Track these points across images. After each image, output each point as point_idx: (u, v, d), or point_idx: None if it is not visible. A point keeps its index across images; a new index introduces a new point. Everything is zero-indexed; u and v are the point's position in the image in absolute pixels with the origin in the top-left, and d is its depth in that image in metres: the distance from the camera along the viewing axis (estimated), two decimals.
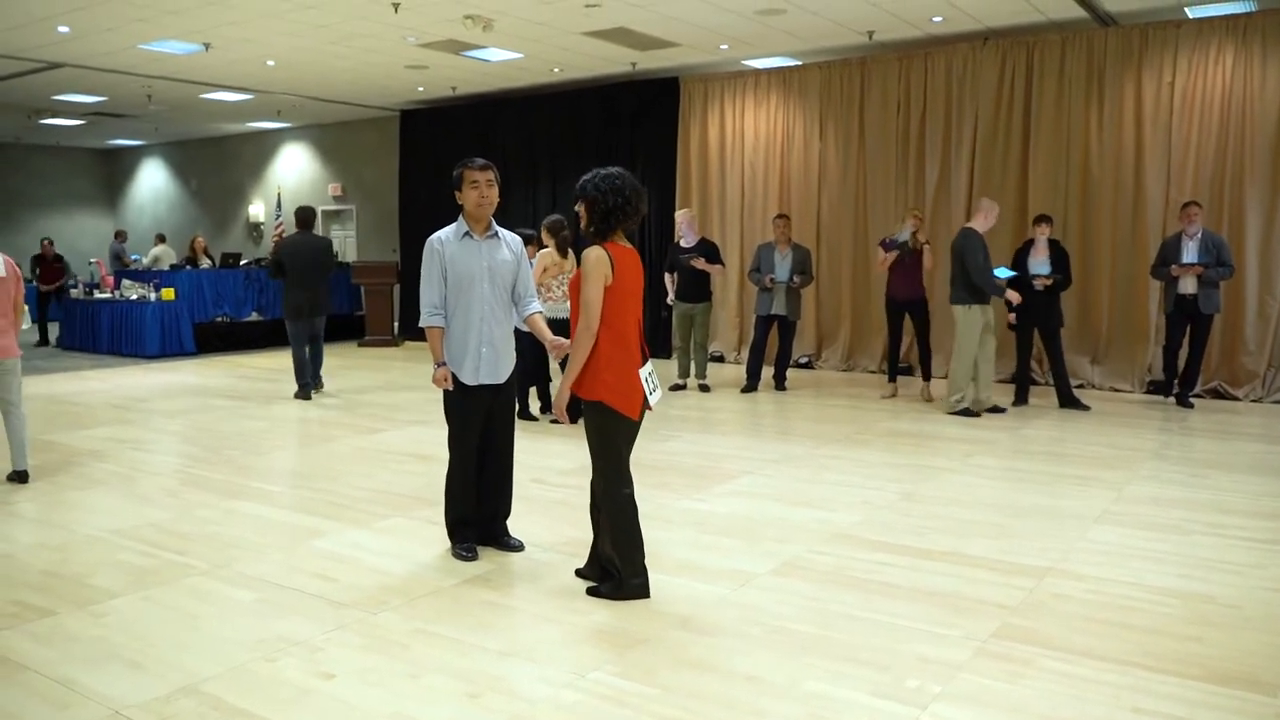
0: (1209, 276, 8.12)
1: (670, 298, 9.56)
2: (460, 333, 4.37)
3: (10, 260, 6.04)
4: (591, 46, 10.72)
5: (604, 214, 3.85)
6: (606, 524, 3.95)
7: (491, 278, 4.39)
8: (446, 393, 4.42)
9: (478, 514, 4.57)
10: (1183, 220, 8.30)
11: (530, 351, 7.12)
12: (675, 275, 9.50)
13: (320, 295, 9.54)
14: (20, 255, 18.93)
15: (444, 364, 4.38)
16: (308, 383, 9.38)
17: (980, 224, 8.00)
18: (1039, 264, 8.30)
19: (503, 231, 4.52)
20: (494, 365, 4.42)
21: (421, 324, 4.42)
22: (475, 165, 4.38)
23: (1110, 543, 4.71)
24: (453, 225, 4.44)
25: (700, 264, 9.24)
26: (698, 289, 9.39)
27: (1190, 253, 8.20)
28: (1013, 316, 8.49)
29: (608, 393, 3.82)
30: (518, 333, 4.66)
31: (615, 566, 3.95)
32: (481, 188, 4.35)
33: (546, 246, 7.78)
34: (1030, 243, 8.45)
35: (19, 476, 6.00)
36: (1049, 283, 8.21)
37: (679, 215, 9.67)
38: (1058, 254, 8.33)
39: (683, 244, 9.47)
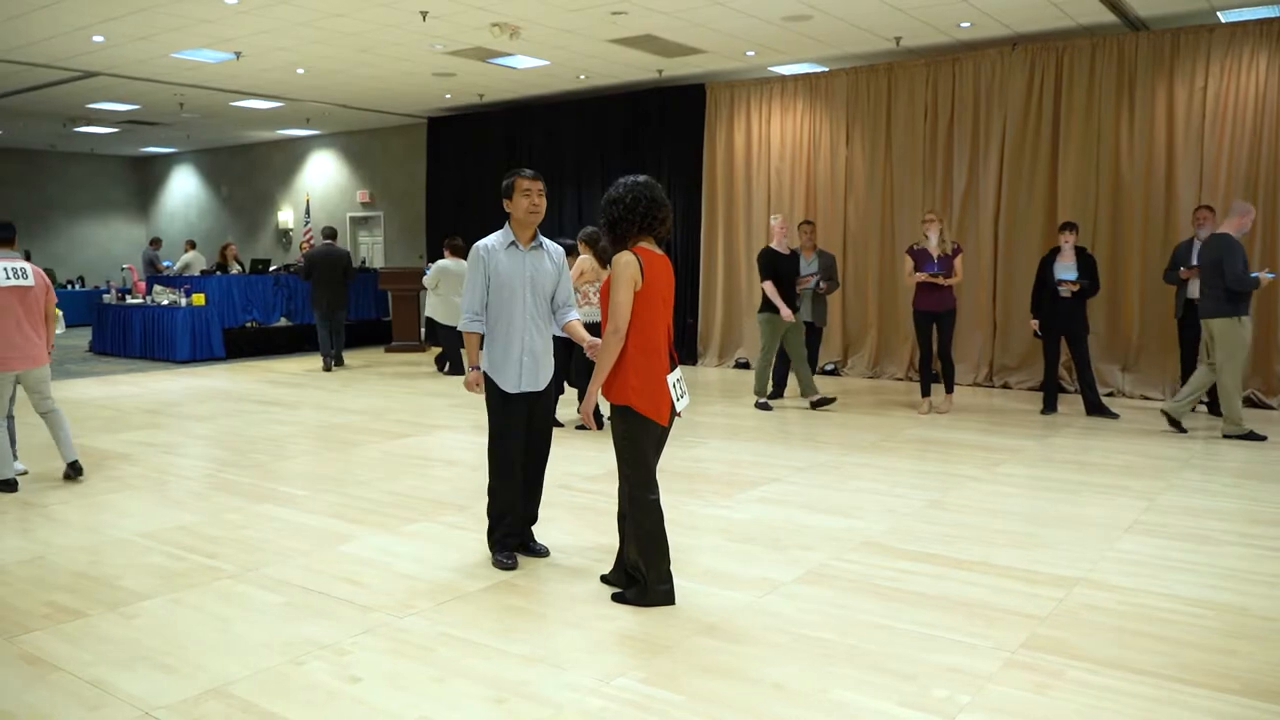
0: None
1: (786, 311, 8.48)
2: (503, 341, 4.41)
3: (39, 270, 6.13)
4: (618, 53, 10.75)
5: (610, 224, 3.91)
6: (632, 530, 3.95)
7: (533, 287, 4.43)
8: (488, 399, 4.45)
9: (522, 521, 4.60)
10: (1195, 224, 8.26)
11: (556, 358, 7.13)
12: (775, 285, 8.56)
13: (340, 295, 12.20)
14: (56, 262, 19.39)
15: (477, 368, 4.42)
16: (329, 358, 12.12)
17: (1234, 228, 7.39)
18: (1065, 270, 8.23)
19: (547, 242, 4.56)
20: (534, 373, 4.45)
21: (461, 328, 4.48)
22: (526, 175, 4.44)
23: (1141, 553, 4.65)
24: (498, 234, 4.48)
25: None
26: (793, 299, 8.70)
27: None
28: (1034, 324, 8.40)
29: (636, 398, 3.83)
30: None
31: (641, 573, 3.94)
32: (533, 196, 4.40)
33: (584, 255, 7.79)
34: (1056, 250, 8.38)
35: (74, 469, 6.15)
36: (1075, 288, 8.13)
37: (775, 221, 8.86)
38: (1084, 261, 8.26)
39: (777, 249, 8.66)
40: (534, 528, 4.69)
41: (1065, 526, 5.10)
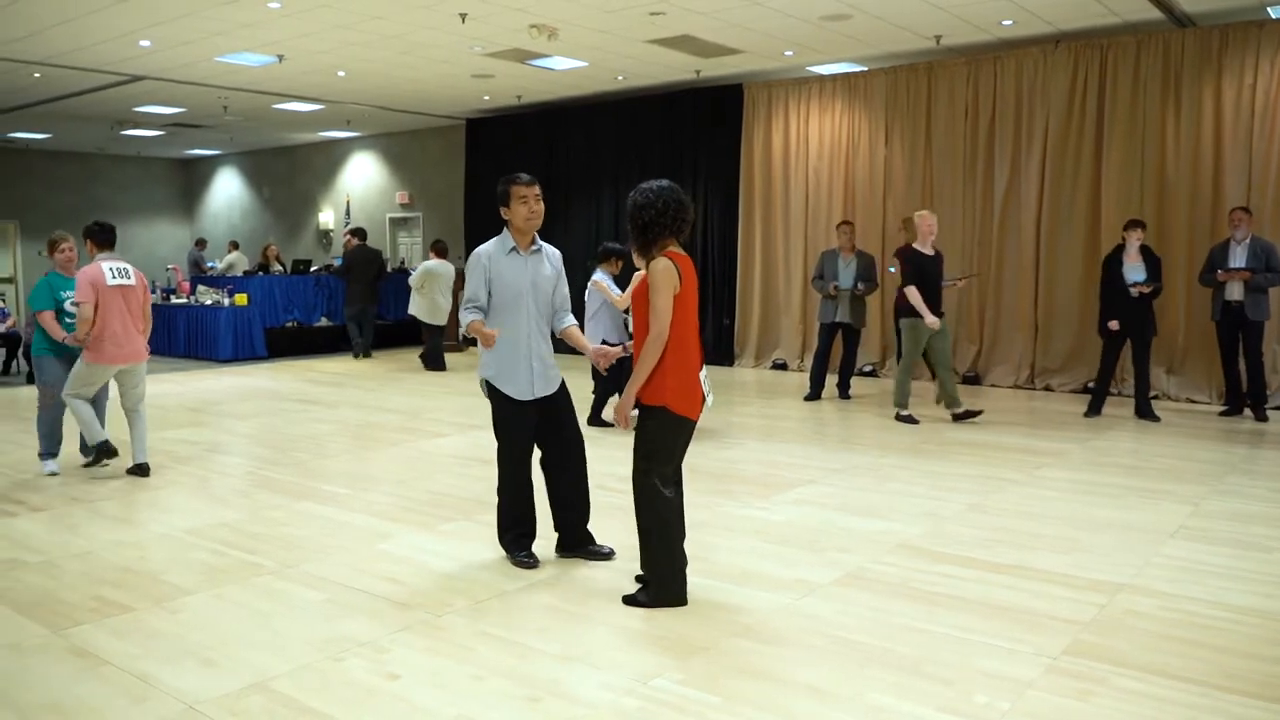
0: (1257, 282, 7.94)
1: (930, 318, 7.92)
2: (510, 348, 4.39)
3: (139, 272, 6.51)
4: (656, 54, 10.75)
5: (641, 228, 3.93)
6: (648, 526, 3.96)
7: (535, 293, 4.43)
8: (496, 409, 4.46)
9: (536, 524, 4.61)
10: (1231, 225, 8.14)
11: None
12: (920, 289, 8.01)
13: (374, 292, 13.29)
14: None
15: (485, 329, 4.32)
16: (357, 346, 13.28)
17: None
18: (1134, 270, 8.06)
19: (546, 246, 4.56)
20: (545, 378, 4.46)
21: (462, 319, 4.40)
22: (523, 180, 4.41)
23: (1187, 559, 4.57)
24: (495, 240, 4.47)
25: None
26: (938, 303, 8.15)
27: (1238, 258, 8.05)
28: (1115, 325, 8.11)
29: (671, 398, 3.86)
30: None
31: (653, 570, 3.96)
32: (530, 202, 4.38)
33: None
34: (1121, 248, 8.22)
35: (141, 469, 6.35)
36: (1146, 290, 7.99)
37: (922, 218, 8.20)
38: (1151, 261, 8.11)
39: (921, 249, 8.10)
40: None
41: (1109, 531, 5.03)
